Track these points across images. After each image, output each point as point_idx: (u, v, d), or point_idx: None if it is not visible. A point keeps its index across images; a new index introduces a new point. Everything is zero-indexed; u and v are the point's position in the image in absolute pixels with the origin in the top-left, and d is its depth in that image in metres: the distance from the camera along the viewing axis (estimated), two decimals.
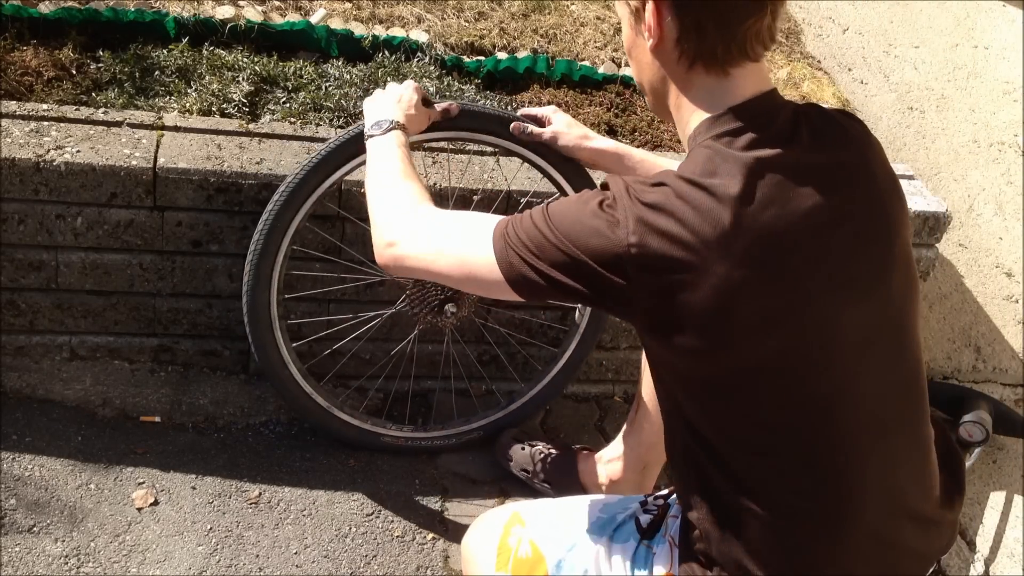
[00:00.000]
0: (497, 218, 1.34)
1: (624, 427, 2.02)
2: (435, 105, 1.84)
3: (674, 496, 1.46)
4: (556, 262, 1.24)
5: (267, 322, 1.99)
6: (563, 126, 1.90)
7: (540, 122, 1.92)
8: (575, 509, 1.52)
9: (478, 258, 1.32)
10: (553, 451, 2.17)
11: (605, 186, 1.27)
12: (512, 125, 1.91)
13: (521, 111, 1.95)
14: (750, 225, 1.16)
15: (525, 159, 1.99)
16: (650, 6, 1.23)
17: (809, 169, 1.21)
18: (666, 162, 1.82)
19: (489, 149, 2.28)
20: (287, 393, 2.08)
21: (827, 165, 1.23)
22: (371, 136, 1.65)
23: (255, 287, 1.95)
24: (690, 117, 1.27)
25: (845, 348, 1.22)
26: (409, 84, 1.78)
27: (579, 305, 1.42)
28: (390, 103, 1.72)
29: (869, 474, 1.25)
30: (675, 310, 1.18)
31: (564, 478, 2.12)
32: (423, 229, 1.41)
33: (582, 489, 2.09)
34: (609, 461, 2.05)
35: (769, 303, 1.18)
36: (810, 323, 1.20)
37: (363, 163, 1.87)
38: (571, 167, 1.96)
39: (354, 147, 1.88)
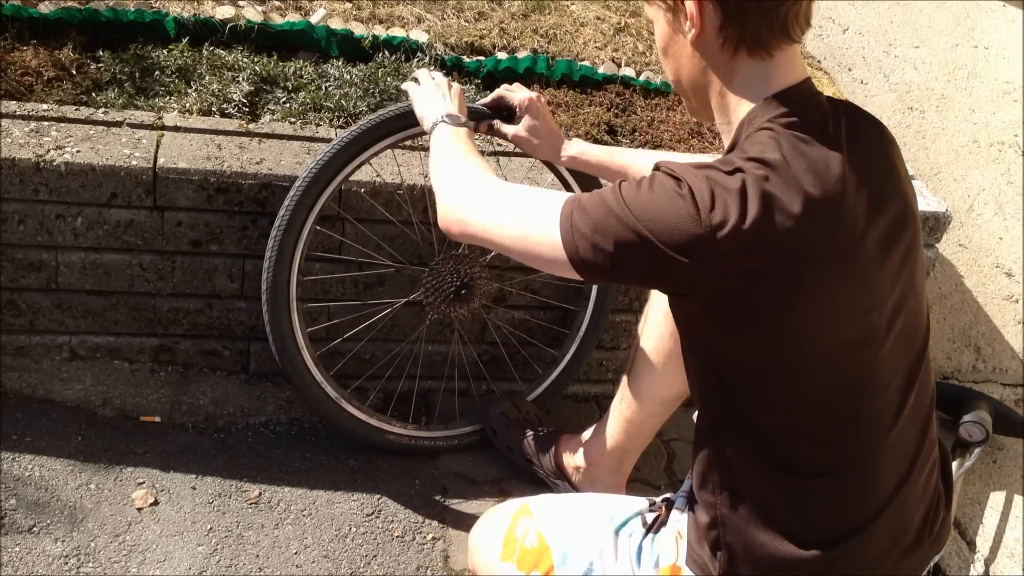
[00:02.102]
0: (565, 195, 1.33)
1: (606, 414, 2.03)
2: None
3: (679, 494, 1.48)
4: (624, 244, 1.23)
5: (285, 302, 1.98)
6: (533, 132, 1.89)
7: (511, 111, 1.91)
8: (583, 505, 1.55)
9: (541, 236, 1.31)
10: (539, 431, 2.18)
11: (669, 171, 1.25)
12: (479, 126, 1.91)
13: (493, 95, 1.94)
14: (821, 207, 1.19)
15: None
16: None
17: (856, 161, 1.25)
18: (648, 157, 1.84)
19: (489, 149, 2.28)
20: (299, 378, 2.06)
21: (866, 158, 1.28)
22: (443, 123, 1.67)
23: (277, 264, 1.95)
24: (738, 105, 1.30)
25: (883, 334, 1.27)
26: (441, 78, 1.81)
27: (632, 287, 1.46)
28: (445, 99, 1.75)
29: (891, 459, 1.31)
30: (746, 294, 1.20)
31: (544, 457, 2.14)
32: (490, 199, 1.41)
33: (560, 469, 2.11)
34: (589, 444, 2.06)
35: (837, 290, 1.22)
36: (865, 311, 1.25)
37: (393, 143, 1.95)
38: None
39: (389, 127, 1.91)
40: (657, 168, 1.26)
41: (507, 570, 1.49)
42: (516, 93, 1.90)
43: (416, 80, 1.86)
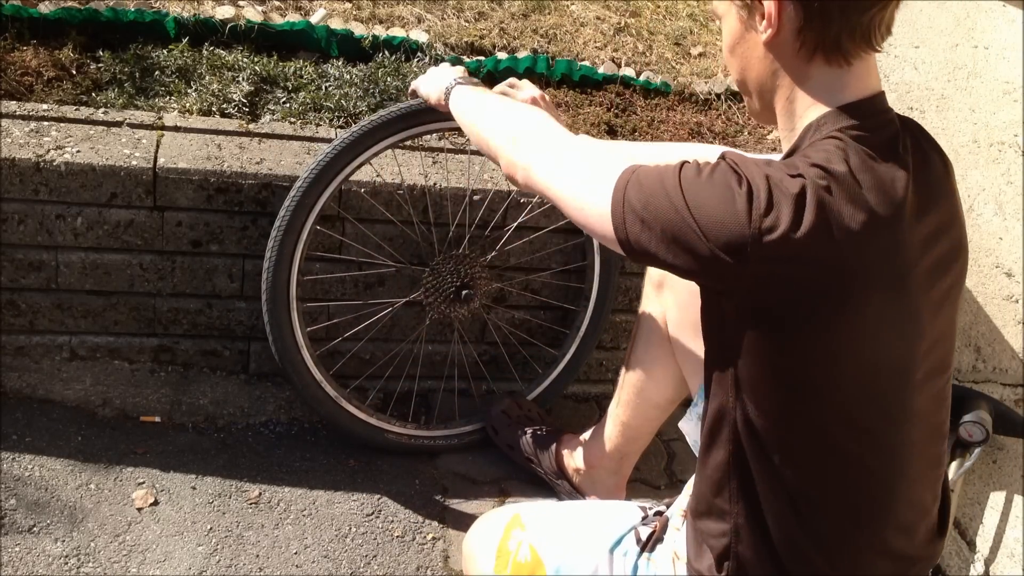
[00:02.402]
0: (627, 160, 1.25)
1: (604, 417, 2.03)
2: None
3: (673, 508, 1.46)
4: (671, 230, 1.17)
5: (285, 302, 1.99)
6: None
7: None
8: (576, 515, 1.52)
9: (594, 207, 1.25)
10: (540, 430, 2.17)
11: (733, 164, 1.18)
12: None
13: (498, 88, 1.85)
14: (879, 228, 1.15)
15: None
16: None
17: (920, 186, 1.21)
18: (650, 148, 1.81)
19: None
20: (299, 378, 2.06)
21: (929, 184, 1.23)
22: (459, 84, 1.65)
23: (277, 264, 1.95)
24: (806, 111, 1.24)
25: (918, 365, 1.24)
26: (444, 65, 1.80)
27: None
28: (454, 72, 1.73)
29: (905, 483, 1.28)
30: (786, 303, 1.15)
31: (544, 457, 2.14)
32: (555, 154, 1.35)
33: (561, 470, 2.11)
34: (589, 447, 2.06)
35: (880, 315, 1.17)
36: (904, 340, 1.21)
37: (394, 144, 1.94)
38: None
39: (389, 128, 1.91)
40: (723, 158, 1.20)
41: None
42: (521, 91, 1.79)
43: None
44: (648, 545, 1.42)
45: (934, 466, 1.35)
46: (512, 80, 1.78)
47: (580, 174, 1.29)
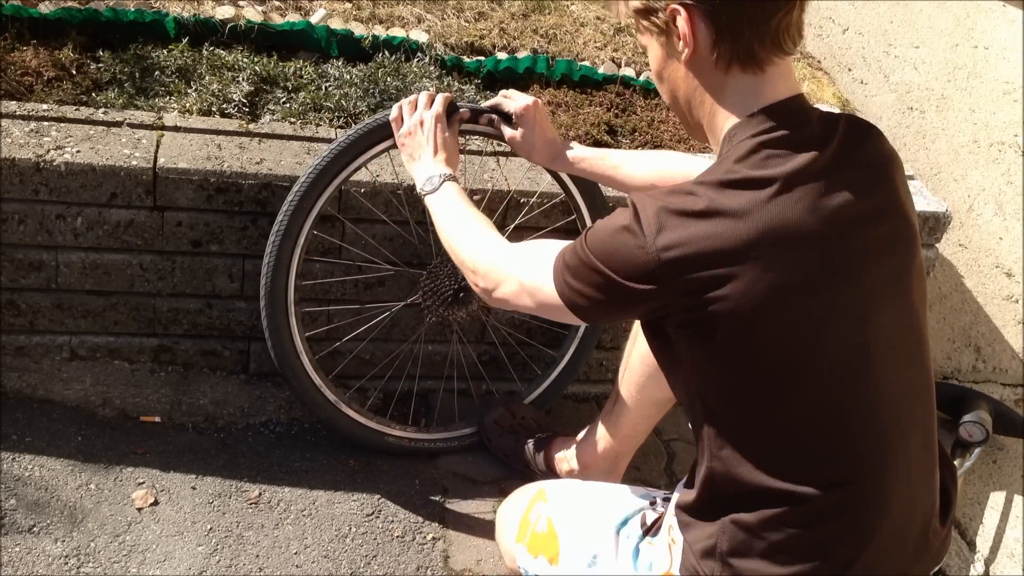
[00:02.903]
0: (556, 251, 1.38)
1: (600, 417, 2.04)
2: (459, 108, 1.86)
3: (673, 504, 1.48)
4: (591, 283, 1.30)
5: (283, 306, 1.98)
6: (528, 140, 1.88)
7: (508, 117, 1.90)
8: (592, 495, 1.59)
9: (544, 288, 1.38)
10: (532, 437, 2.18)
11: (631, 201, 1.28)
12: (482, 117, 1.91)
13: (491, 102, 1.92)
14: (783, 225, 1.20)
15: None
16: (682, 17, 1.26)
17: (840, 174, 1.25)
18: (643, 158, 1.84)
19: (489, 149, 2.28)
20: (298, 383, 2.06)
21: (856, 171, 1.27)
22: (427, 195, 1.72)
23: (275, 268, 1.95)
24: (724, 123, 1.30)
25: (875, 350, 1.26)
26: (430, 115, 1.79)
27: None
28: (427, 156, 1.77)
29: (894, 474, 1.29)
30: (711, 314, 1.21)
31: (539, 462, 2.15)
32: (501, 267, 1.49)
33: (555, 474, 2.12)
34: (583, 448, 2.07)
35: (802, 303, 1.22)
36: (842, 324, 1.24)
37: (392, 146, 1.92)
38: None
39: (387, 131, 1.90)
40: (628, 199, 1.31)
41: (520, 551, 1.58)
42: (513, 101, 1.89)
43: (400, 113, 1.83)
44: (651, 529, 1.48)
45: (925, 427, 1.35)
46: (504, 92, 1.90)
47: (527, 272, 1.43)
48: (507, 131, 1.90)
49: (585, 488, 1.64)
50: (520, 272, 1.44)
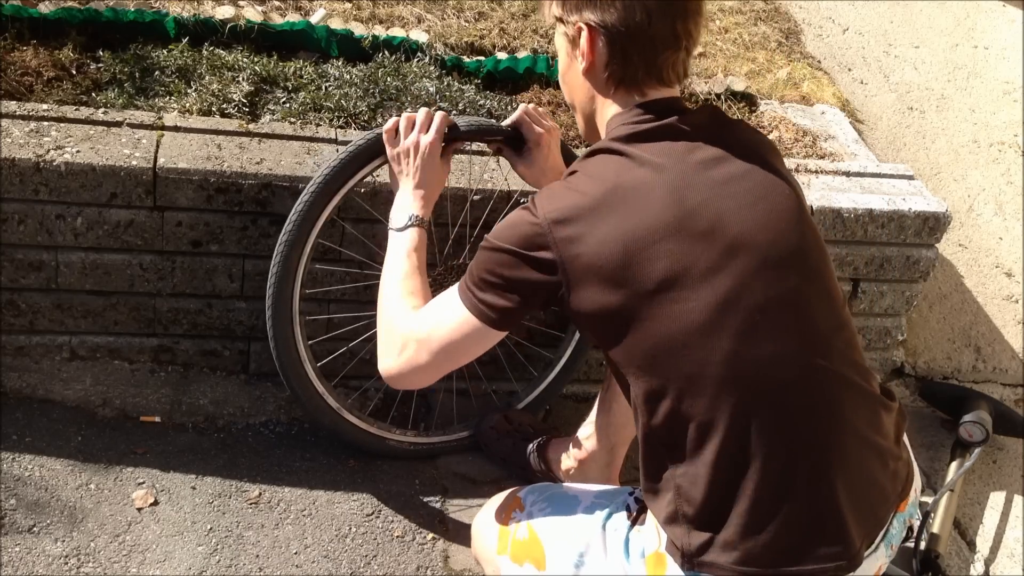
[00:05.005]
0: (454, 287, 1.51)
1: (594, 408, 2.04)
2: (461, 130, 1.84)
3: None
4: (499, 265, 1.42)
5: (288, 316, 1.98)
6: (536, 168, 1.88)
7: (518, 140, 1.88)
8: (571, 496, 1.60)
9: (460, 327, 1.47)
10: (527, 441, 2.19)
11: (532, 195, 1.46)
12: (475, 137, 1.90)
13: (515, 117, 1.88)
14: (642, 184, 1.37)
15: None
16: (584, 36, 1.44)
17: (702, 149, 1.41)
18: None
19: (489, 149, 2.28)
20: (302, 391, 2.05)
21: (718, 145, 1.42)
22: (391, 229, 1.76)
23: (282, 279, 1.94)
24: (608, 114, 1.50)
25: (771, 305, 1.35)
26: (425, 141, 1.77)
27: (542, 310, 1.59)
28: (408, 188, 1.78)
29: (837, 415, 1.36)
30: (587, 267, 1.35)
31: (536, 465, 2.15)
32: (414, 332, 1.54)
33: (553, 474, 2.12)
34: (578, 443, 2.07)
35: (670, 262, 1.33)
36: (727, 283, 1.34)
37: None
38: None
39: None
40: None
41: (503, 562, 1.58)
42: (534, 127, 1.85)
43: (395, 128, 1.82)
44: (639, 518, 1.51)
45: (852, 362, 1.41)
46: (527, 109, 1.89)
47: (441, 328, 1.51)
48: (513, 160, 1.90)
49: (560, 489, 1.65)
50: (430, 326, 1.51)
